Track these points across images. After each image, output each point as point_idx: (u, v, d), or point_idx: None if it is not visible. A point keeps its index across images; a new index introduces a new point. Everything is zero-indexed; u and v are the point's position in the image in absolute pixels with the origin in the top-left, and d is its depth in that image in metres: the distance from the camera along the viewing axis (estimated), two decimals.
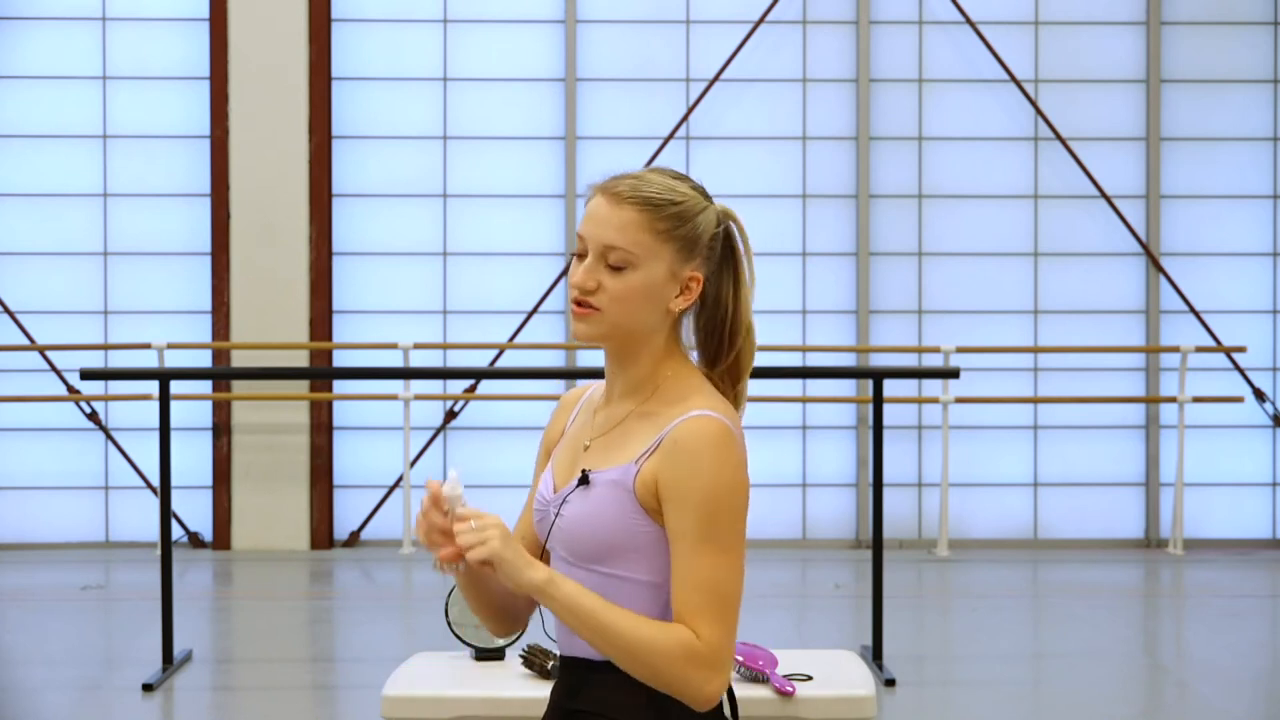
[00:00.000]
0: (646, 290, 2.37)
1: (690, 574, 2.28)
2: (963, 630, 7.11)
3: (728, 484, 2.29)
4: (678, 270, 2.40)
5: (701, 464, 2.29)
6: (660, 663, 2.27)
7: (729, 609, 2.28)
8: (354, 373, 6.51)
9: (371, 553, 8.90)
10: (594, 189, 2.43)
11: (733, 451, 2.31)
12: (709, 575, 2.27)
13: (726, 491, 2.29)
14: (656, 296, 2.38)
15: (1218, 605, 7.56)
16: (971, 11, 9.19)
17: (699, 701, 2.28)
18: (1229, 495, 9.25)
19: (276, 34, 8.91)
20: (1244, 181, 9.28)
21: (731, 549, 2.28)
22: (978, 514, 9.21)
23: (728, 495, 2.29)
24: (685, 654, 2.26)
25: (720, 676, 2.28)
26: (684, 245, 2.40)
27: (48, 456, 9.10)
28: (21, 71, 9.12)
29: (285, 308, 8.90)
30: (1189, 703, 5.77)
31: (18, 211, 9.12)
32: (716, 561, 2.28)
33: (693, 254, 2.41)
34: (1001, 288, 9.26)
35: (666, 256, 2.39)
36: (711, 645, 2.27)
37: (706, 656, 2.26)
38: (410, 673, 3.47)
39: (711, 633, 2.27)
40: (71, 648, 6.53)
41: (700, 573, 2.28)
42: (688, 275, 2.40)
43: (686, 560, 2.28)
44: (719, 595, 2.27)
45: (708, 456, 2.29)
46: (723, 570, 2.28)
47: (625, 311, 2.37)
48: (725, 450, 2.30)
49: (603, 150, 9.18)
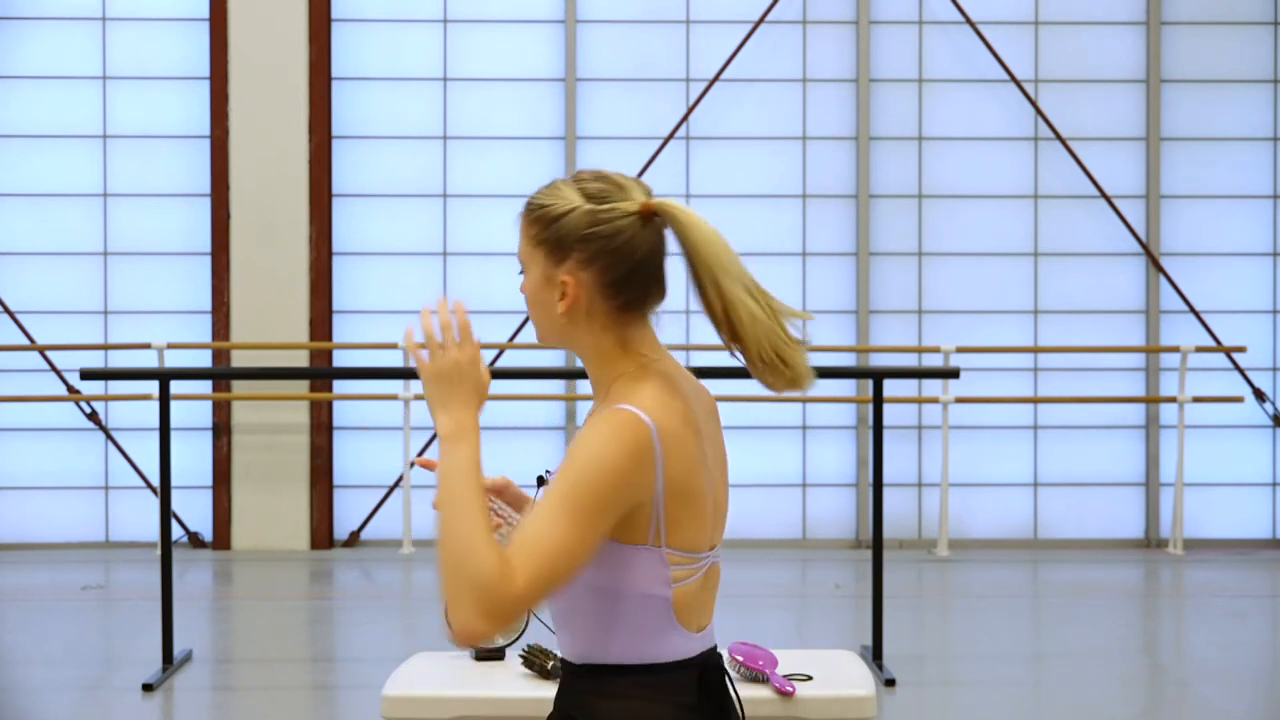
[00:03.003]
0: (534, 297, 2.39)
1: (533, 522, 2.20)
2: (963, 630, 7.11)
3: (598, 457, 2.22)
4: (551, 274, 2.36)
5: (590, 438, 2.25)
6: (462, 572, 2.15)
7: (544, 573, 2.16)
8: (354, 373, 6.51)
9: (371, 553, 8.89)
10: None
11: (624, 434, 2.24)
12: (546, 531, 2.17)
13: (595, 464, 2.22)
14: (543, 303, 2.38)
15: (1218, 605, 7.56)
16: (971, 11, 9.19)
17: (454, 628, 2.17)
18: (1229, 495, 9.25)
19: (276, 34, 8.91)
20: (1244, 181, 9.28)
21: (578, 518, 2.18)
22: (978, 514, 9.21)
23: (595, 468, 2.21)
24: (480, 580, 2.13)
25: (488, 623, 2.14)
26: (552, 249, 2.36)
27: (48, 456, 9.10)
28: (21, 71, 9.12)
29: (285, 308, 8.91)
30: (1189, 703, 5.77)
31: (18, 211, 9.12)
32: (556, 522, 2.18)
33: (563, 257, 2.35)
34: (1001, 288, 9.26)
35: (540, 261, 2.37)
36: (510, 592, 2.13)
37: (494, 596, 2.13)
38: (410, 673, 3.47)
39: (519, 583, 2.14)
40: (71, 648, 6.53)
41: (541, 525, 2.18)
42: (560, 279, 2.36)
43: (538, 511, 2.21)
44: (542, 553, 2.16)
45: (597, 433, 2.25)
46: (559, 533, 2.17)
47: (534, 319, 2.40)
48: (616, 430, 2.24)
49: (603, 150, 9.18)
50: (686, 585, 2.36)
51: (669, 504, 2.30)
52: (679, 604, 2.36)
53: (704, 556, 2.39)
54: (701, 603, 2.41)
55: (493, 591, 2.13)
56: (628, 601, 2.33)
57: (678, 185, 9.16)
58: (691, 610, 2.38)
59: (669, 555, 2.33)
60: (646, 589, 2.32)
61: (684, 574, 2.35)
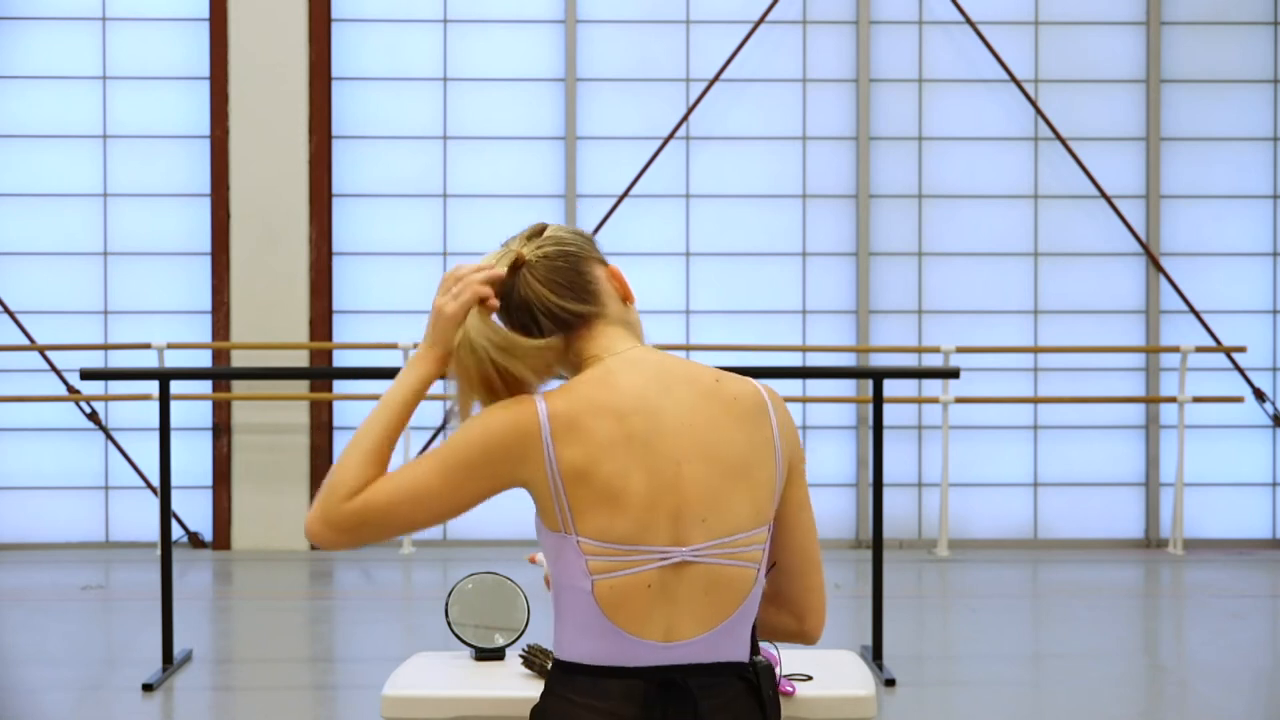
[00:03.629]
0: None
1: (409, 464, 2.39)
2: (963, 630, 7.11)
3: (479, 420, 2.38)
4: None
5: (488, 407, 2.41)
6: (332, 470, 2.38)
7: (385, 501, 2.34)
8: (354, 373, 6.50)
9: (371, 553, 8.90)
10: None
11: (510, 408, 2.37)
12: (409, 468, 2.37)
13: (475, 425, 2.38)
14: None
15: (1218, 605, 7.56)
16: (971, 11, 9.19)
17: (308, 522, 2.36)
18: (1229, 495, 9.25)
19: (276, 34, 8.92)
20: (1244, 181, 9.28)
21: (439, 470, 2.36)
22: (978, 514, 9.21)
23: (473, 428, 2.38)
24: (335, 483, 2.35)
25: (321, 525, 2.34)
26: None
27: (48, 456, 9.10)
28: (21, 71, 9.12)
29: (285, 308, 8.91)
30: (1189, 703, 5.77)
31: (18, 211, 9.12)
32: (422, 463, 2.37)
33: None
34: (1001, 288, 9.26)
35: None
36: (348, 503, 2.33)
37: (335, 499, 2.34)
38: (410, 673, 3.47)
39: (360, 498, 2.34)
40: (71, 648, 6.53)
41: (411, 463, 2.39)
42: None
43: (420, 459, 2.40)
44: (394, 484, 2.35)
45: (495, 405, 2.40)
46: (418, 473, 2.35)
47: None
48: (506, 404, 2.38)
49: (603, 150, 9.18)
50: (614, 579, 2.33)
51: (570, 488, 2.33)
52: (607, 600, 2.33)
53: (639, 550, 2.34)
54: (656, 606, 2.35)
55: (335, 495, 2.34)
56: (563, 594, 2.39)
57: (678, 185, 9.16)
58: (635, 611, 2.34)
59: (581, 544, 2.33)
60: (570, 580, 2.36)
61: (604, 565, 2.33)
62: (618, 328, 2.48)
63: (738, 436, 2.41)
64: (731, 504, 2.38)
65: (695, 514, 2.37)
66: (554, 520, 2.35)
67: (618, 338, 2.47)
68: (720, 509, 2.38)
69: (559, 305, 2.45)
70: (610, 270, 2.53)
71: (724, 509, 2.38)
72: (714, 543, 2.37)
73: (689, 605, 2.37)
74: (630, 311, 2.52)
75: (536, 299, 2.46)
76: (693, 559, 2.36)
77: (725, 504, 2.38)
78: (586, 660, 2.36)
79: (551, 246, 2.50)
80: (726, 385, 2.45)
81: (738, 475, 2.39)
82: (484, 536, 7.84)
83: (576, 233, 2.56)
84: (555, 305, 2.45)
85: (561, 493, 2.34)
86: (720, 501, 2.38)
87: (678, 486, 2.36)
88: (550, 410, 2.35)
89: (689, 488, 2.37)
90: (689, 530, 2.36)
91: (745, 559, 2.39)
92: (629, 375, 2.40)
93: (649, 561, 2.34)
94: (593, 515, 2.33)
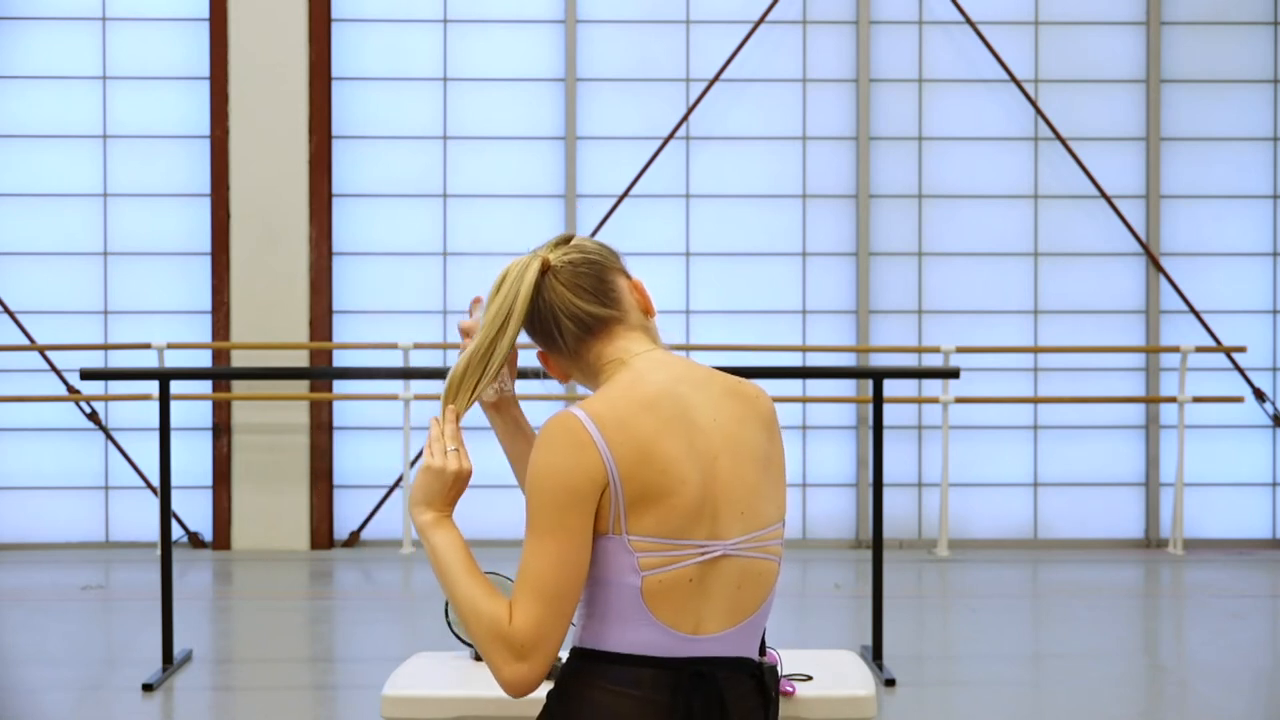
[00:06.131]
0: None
1: (521, 558, 2.36)
2: (963, 630, 7.11)
3: (540, 470, 2.36)
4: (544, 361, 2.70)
5: (531, 456, 2.40)
6: (477, 633, 2.35)
7: (539, 596, 2.32)
8: (354, 373, 6.50)
9: (371, 553, 8.90)
10: None
11: (556, 440, 2.36)
12: (525, 561, 2.34)
13: (538, 477, 2.36)
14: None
15: (1218, 605, 7.56)
16: (971, 11, 9.20)
17: (500, 682, 2.35)
18: (1229, 495, 9.25)
19: (276, 34, 8.92)
20: (1244, 181, 9.28)
21: (543, 534, 2.33)
22: (978, 514, 9.21)
23: (538, 481, 2.36)
24: (492, 633, 2.33)
25: (523, 664, 2.32)
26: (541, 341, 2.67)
27: (48, 456, 9.10)
28: (21, 71, 9.12)
29: (285, 308, 8.91)
30: (1189, 703, 5.77)
31: (18, 211, 9.12)
32: (530, 547, 2.34)
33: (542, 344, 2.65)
34: (1001, 288, 9.26)
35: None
36: (518, 629, 2.32)
37: (509, 639, 2.32)
38: (410, 673, 3.47)
39: (520, 618, 2.32)
40: (71, 648, 6.53)
41: (523, 557, 2.35)
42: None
43: (524, 546, 2.37)
44: (528, 581, 2.33)
45: (538, 447, 2.39)
46: (533, 556, 2.33)
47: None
48: (544, 438, 2.38)
49: (603, 150, 9.18)
50: (662, 574, 2.37)
51: (627, 486, 2.35)
52: (652, 593, 2.37)
53: (686, 545, 2.38)
54: (692, 599, 2.40)
55: (506, 636, 2.32)
56: (601, 589, 2.39)
57: (677, 185, 9.16)
58: (675, 604, 2.39)
59: (633, 541, 2.36)
60: (615, 576, 2.38)
61: (656, 561, 2.37)
62: (637, 332, 2.54)
63: (759, 434, 2.50)
64: (762, 497, 2.47)
65: (735, 508, 2.44)
66: (604, 523, 2.37)
67: (636, 340, 2.53)
68: (754, 502, 2.46)
69: (581, 308, 2.50)
70: (633, 283, 2.59)
71: (757, 502, 2.46)
72: (748, 536, 2.45)
73: (719, 599, 2.43)
74: (650, 323, 2.58)
75: (560, 302, 2.50)
76: (731, 553, 2.43)
77: (758, 497, 2.46)
78: (622, 649, 2.40)
79: (576, 254, 2.54)
80: (744, 386, 2.54)
81: (763, 469, 2.48)
82: (484, 536, 7.82)
83: (601, 244, 2.62)
84: (577, 308, 2.50)
85: (619, 490, 2.36)
86: (753, 495, 2.46)
87: (717, 480, 2.43)
88: (594, 416, 2.38)
89: (727, 481, 2.44)
90: (728, 524, 2.43)
91: (771, 552, 2.48)
92: (658, 374, 2.47)
93: (692, 556, 2.40)
94: (645, 511, 2.38)
